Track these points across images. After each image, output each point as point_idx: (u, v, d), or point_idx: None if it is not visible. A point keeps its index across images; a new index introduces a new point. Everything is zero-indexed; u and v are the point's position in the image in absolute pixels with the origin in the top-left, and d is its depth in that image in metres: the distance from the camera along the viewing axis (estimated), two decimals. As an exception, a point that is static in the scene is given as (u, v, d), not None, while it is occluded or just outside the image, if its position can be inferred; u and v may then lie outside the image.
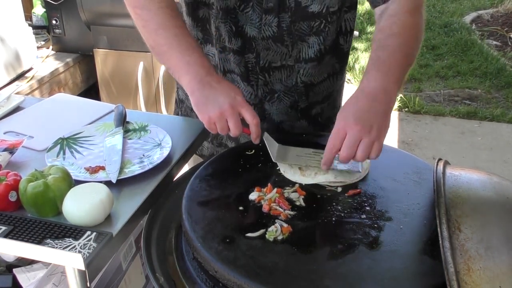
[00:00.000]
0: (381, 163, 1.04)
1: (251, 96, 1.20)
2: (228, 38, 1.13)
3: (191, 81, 1.01)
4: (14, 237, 0.82)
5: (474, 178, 0.85)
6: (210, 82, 1.01)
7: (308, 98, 1.22)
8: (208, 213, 0.88)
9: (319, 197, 0.94)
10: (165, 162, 1.05)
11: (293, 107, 1.22)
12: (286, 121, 1.24)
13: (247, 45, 1.13)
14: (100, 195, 0.87)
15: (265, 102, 1.21)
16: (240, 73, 1.17)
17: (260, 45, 1.13)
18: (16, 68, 2.75)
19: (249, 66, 1.16)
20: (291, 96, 1.21)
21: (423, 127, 3.56)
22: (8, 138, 1.14)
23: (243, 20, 1.11)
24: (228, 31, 1.12)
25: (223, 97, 0.99)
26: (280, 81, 1.18)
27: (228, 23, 1.11)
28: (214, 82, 1.01)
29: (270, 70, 1.16)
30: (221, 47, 1.16)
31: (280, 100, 1.21)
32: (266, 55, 1.14)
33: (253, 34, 1.12)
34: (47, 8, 3.03)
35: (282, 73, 1.17)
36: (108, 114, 1.29)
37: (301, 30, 1.11)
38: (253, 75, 1.17)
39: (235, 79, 1.19)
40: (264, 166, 1.03)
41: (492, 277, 0.68)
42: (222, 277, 0.76)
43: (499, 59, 4.49)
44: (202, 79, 1.01)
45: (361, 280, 0.75)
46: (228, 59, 1.17)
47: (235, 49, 1.14)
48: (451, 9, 5.88)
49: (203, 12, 1.15)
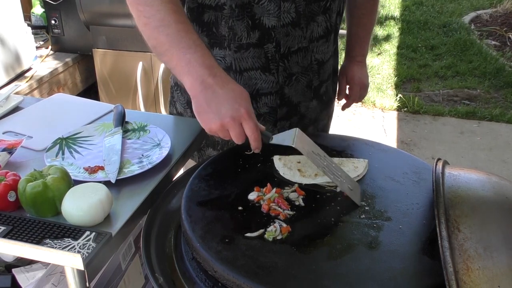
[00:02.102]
0: (380, 163, 1.05)
1: (273, 84, 1.21)
2: (247, 34, 1.14)
3: (193, 84, 0.97)
4: (13, 237, 0.82)
5: (473, 178, 0.85)
6: (213, 86, 0.95)
7: (319, 75, 1.28)
8: (208, 213, 0.88)
9: (319, 197, 0.94)
10: (164, 162, 1.05)
11: (308, 86, 1.27)
12: (302, 101, 1.28)
13: (266, 36, 1.15)
14: (99, 195, 0.87)
15: (285, 86, 1.23)
16: (261, 65, 1.18)
17: (280, 33, 1.15)
18: (15, 68, 2.75)
19: (268, 56, 1.17)
20: (307, 76, 1.25)
21: (422, 127, 3.57)
22: (7, 138, 1.14)
23: (260, 12, 1.12)
24: (246, 26, 1.13)
25: (225, 108, 0.93)
26: (297, 64, 1.21)
27: (245, 19, 1.12)
28: (217, 86, 0.95)
29: (289, 55, 1.19)
30: (237, 46, 1.16)
31: (298, 81, 1.24)
32: (286, 42, 1.17)
33: (272, 24, 1.13)
34: (46, 8, 3.03)
35: (299, 56, 1.21)
36: (107, 114, 1.30)
37: (313, 10, 1.17)
38: (273, 64, 1.19)
39: (253, 76, 1.19)
40: (264, 166, 1.03)
41: (491, 277, 0.68)
42: (222, 277, 0.76)
43: (498, 59, 4.49)
44: (204, 82, 0.95)
45: (360, 280, 0.75)
46: (245, 57, 1.18)
47: (254, 43, 1.15)
48: (450, 9, 5.89)
49: (209, 16, 1.15)
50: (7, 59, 2.67)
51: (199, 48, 0.99)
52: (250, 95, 1.20)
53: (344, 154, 1.09)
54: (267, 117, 1.26)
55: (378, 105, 3.85)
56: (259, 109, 1.24)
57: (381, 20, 5.48)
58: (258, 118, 1.24)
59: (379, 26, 5.33)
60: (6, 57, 2.66)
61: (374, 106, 3.84)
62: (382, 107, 3.83)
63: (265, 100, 1.23)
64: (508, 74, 4.24)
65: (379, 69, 4.44)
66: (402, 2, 6.12)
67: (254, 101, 1.22)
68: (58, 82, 3.01)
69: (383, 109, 3.81)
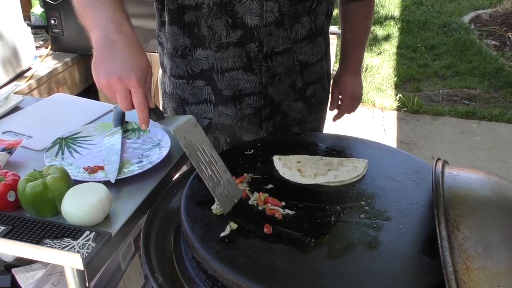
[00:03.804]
0: (380, 163, 1.05)
1: (256, 84, 1.21)
2: (226, 32, 1.14)
3: (98, 38, 0.92)
4: (13, 237, 0.82)
5: (473, 178, 0.85)
6: (114, 43, 0.91)
7: (303, 77, 1.27)
8: (207, 213, 0.88)
9: (318, 197, 0.94)
10: (164, 162, 1.05)
11: (291, 86, 1.26)
12: (284, 100, 1.27)
13: (248, 35, 1.14)
14: (99, 195, 0.87)
15: (268, 87, 1.22)
16: (242, 65, 1.18)
17: (263, 32, 1.14)
18: (14, 68, 2.75)
19: (251, 56, 1.17)
20: (290, 76, 1.24)
21: (422, 127, 3.57)
22: (6, 138, 1.13)
23: (242, 11, 1.11)
24: (225, 25, 1.13)
25: (116, 67, 0.89)
26: (282, 65, 1.21)
27: (224, 17, 1.12)
28: (118, 44, 0.91)
29: (273, 56, 1.18)
30: (217, 45, 1.16)
31: (281, 81, 1.23)
32: (269, 42, 1.16)
33: (254, 23, 1.13)
34: (46, 7, 3.03)
35: (283, 57, 1.20)
36: (107, 114, 1.29)
37: (298, 11, 1.16)
38: (256, 64, 1.18)
39: (235, 76, 1.19)
40: (263, 166, 1.03)
41: (490, 276, 0.68)
42: (221, 276, 0.76)
43: (498, 59, 4.49)
44: (107, 36, 0.91)
45: (360, 279, 0.75)
46: (226, 57, 1.17)
47: (235, 42, 1.15)
48: (449, 9, 5.89)
49: (189, 16, 1.15)
50: (7, 59, 2.67)
51: (111, 6, 0.96)
52: (233, 97, 1.21)
53: (343, 154, 1.09)
54: (251, 118, 1.25)
55: (378, 105, 3.85)
56: (243, 111, 1.23)
57: (381, 20, 5.49)
58: (243, 119, 1.24)
59: (379, 26, 5.33)
60: (6, 56, 2.66)
61: (373, 106, 3.84)
62: (382, 107, 3.83)
63: (249, 100, 1.22)
64: (507, 74, 4.24)
65: (379, 69, 4.44)
66: (402, 2, 6.12)
67: (237, 102, 1.22)
68: (58, 81, 3.01)
69: (382, 109, 3.81)
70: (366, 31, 1.43)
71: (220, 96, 1.22)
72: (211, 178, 0.90)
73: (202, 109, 1.25)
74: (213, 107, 1.24)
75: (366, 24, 1.42)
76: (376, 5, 5.72)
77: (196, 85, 1.23)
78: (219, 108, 1.24)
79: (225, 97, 1.21)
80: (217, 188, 0.89)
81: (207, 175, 0.89)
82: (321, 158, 1.04)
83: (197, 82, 1.23)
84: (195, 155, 0.90)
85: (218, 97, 1.22)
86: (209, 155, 0.91)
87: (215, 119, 1.25)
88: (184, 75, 1.23)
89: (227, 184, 0.91)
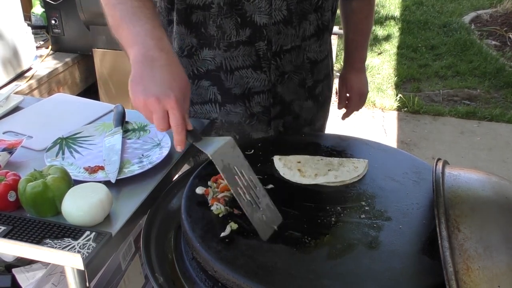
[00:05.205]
0: (380, 163, 1.05)
1: (265, 83, 1.21)
2: (236, 31, 1.14)
3: (136, 54, 0.89)
4: (13, 237, 0.82)
5: (473, 178, 0.85)
6: (153, 60, 0.88)
7: (313, 75, 1.28)
8: (207, 213, 0.88)
9: (318, 197, 0.94)
10: (164, 162, 1.05)
11: (301, 85, 1.27)
12: (295, 100, 1.28)
13: (257, 34, 1.15)
14: (99, 195, 0.87)
15: (277, 85, 1.23)
16: (252, 63, 1.18)
17: (272, 30, 1.15)
18: (15, 68, 2.75)
19: (260, 54, 1.17)
20: (299, 74, 1.25)
21: (422, 127, 3.57)
22: (7, 138, 1.13)
23: (251, 9, 1.12)
24: (235, 24, 1.13)
25: (155, 86, 0.86)
26: (290, 62, 1.21)
27: (234, 16, 1.12)
28: (157, 62, 0.88)
29: (282, 54, 1.19)
30: (226, 45, 1.16)
31: (290, 80, 1.24)
32: (277, 40, 1.16)
33: (263, 21, 1.13)
34: (46, 8, 3.04)
35: (292, 55, 1.21)
36: (107, 114, 1.29)
37: (305, 8, 1.17)
38: (265, 62, 1.19)
39: (244, 75, 1.19)
40: (264, 166, 1.03)
41: (491, 277, 0.68)
42: (221, 276, 0.76)
43: (498, 59, 4.49)
44: (146, 53, 0.88)
45: (360, 280, 0.74)
46: (235, 55, 1.17)
47: (244, 40, 1.15)
48: (450, 9, 5.89)
49: (197, 16, 1.15)
50: (7, 59, 2.68)
51: (150, 21, 0.93)
52: (243, 95, 1.22)
53: (344, 154, 1.09)
54: (260, 117, 1.25)
55: (378, 105, 3.85)
56: (252, 108, 1.24)
57: (381, 20, 5.49)
58: (252, 117, 1.25)
59: (379, 26, 5.33)
60: (6, 57, 2.66)
61: (374, 106, 3.84)
62: (382, 107, 3.83)
63: (258, 99, 1.23)
64: (508, 74, 4.24)
65: (379, 69, 4.44)
66: (402, 2, 6.12)
67: (247, 100, 1.22)
68: (58, 81, 3.01)
69: (383, 109, 3.81)
70: (368, 28, 1.46)
71: (229, 95, 1.22)
72: (249, 204, 0.85)
73: (206, 109, 1.26)
74: (218, 107, 1.24)
75: (369, 22, 1.45)
76: (377, 5, 5.72)
77: (201, 85, 1.23)
78: (226, 106, 1.24)
79: (234, 96, 1.22)
80: (256, 214, 0.84)
81: (245, 201, 0.85)
82: (322, 158, 1.04)
83: (202, 83, 1.23)
84: (233, 180, 0.85)
85: (226, 96, 1.22)
86: (248, 179, 0.87)
87: (222, 118, 1.26)
88: (189, 75, 1.23)
89: (266, 209, 0.86)
